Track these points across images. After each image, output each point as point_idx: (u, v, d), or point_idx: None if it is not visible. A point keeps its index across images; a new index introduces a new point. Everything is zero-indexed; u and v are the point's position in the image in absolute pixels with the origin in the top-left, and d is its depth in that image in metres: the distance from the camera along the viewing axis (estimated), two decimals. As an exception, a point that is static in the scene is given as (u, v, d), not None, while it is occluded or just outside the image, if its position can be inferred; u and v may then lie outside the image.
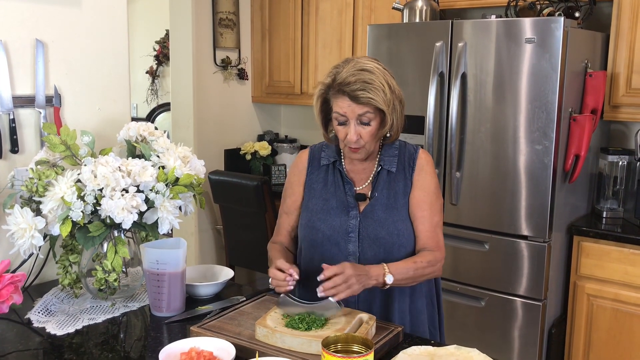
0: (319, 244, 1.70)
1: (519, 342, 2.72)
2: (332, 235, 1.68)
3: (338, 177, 1.73)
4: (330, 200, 1.71)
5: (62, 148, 1.67)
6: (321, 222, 1.70)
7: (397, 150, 1.72)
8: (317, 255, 1.71)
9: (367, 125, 1.60)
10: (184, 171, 1.69)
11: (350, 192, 1.70)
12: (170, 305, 1.63)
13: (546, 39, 2.50)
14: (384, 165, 1.70)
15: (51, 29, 1.89)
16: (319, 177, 1.75)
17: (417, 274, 1.61)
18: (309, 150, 1.82)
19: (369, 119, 1.59)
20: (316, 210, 1.71)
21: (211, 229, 4.08)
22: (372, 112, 1.58)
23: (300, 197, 1.77)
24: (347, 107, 1.58)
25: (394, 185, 1.69)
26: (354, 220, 1.67)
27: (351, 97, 1.56)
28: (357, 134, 1.59)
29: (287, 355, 1.33)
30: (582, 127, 2.64)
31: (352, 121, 1.59)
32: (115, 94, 2.08)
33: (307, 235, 1.73)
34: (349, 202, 1.69)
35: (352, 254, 1.67)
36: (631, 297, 2.61)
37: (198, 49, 3.82)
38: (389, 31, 2.95)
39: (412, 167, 1.70)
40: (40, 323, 1.59)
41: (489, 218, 2.75)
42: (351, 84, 1.55)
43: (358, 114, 1.58)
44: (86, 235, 1.60)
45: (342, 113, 1.59)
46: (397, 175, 1.70)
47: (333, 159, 1.75)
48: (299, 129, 4.40)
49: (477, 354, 1.37)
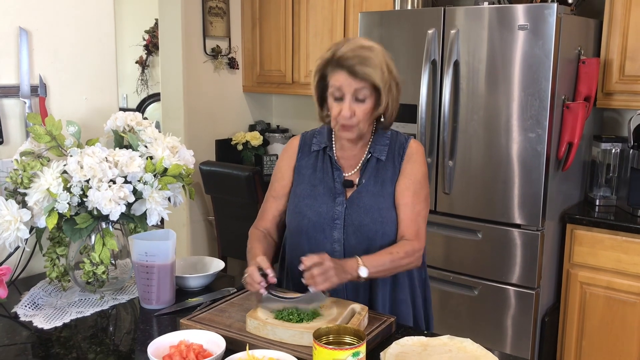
0: (305, 230, 1.68)
1: (512, 330, 2.72)
2: (317, 221, 1.67)
3: (327, 163, 1.72)
4: (318, 186, 1.70)
5: (48, 138, 1.63)
6: (307, 208, 1.68)
7: (388, 140, 1.71)
8: (303, 242, 1.69)
9: (362, 103, 1.59)
10: (172, 161, 1.66)
11: (339, 178, 1.69)
12: (159, 298, 1.61)
13: (539, 25, 2.48)
14: (374, 153, 1.69)
15: (35, 17, 1.85)
16: (308, 163, 1.74)
17: (393, 265, 1.59)
18: (301, 136, 1.80)
19: (364, 96, 1.58)
20: (303, 196, 1.70)
21: (203, 220, 4.05)
22: (368, 89, 1.57)
23: (289, 182, 1.76)
24: (344, 81, 1.57)
25: (382, 173, 1.68)
26: (340, 207, 1.66)
27: (349, 72, 1.56)
28: (351, 110, 1.58)
29: (278, 348, 1.31)
30: (575, 115, 2.63)
31: (347, 96, 1.58)
32: (103, 83, 2.04)
33: (293, 220, 1.71)
34: (337, 188, 1.68)
35: (337, 240, 1.66)
36: (624, 285, 2.61)
37: (187, 38, 3.77)
38: (380, 18, 2.92)
39: (401, 155, 1.69)
40: (28, 317, 1.56)
41: (481, 207, 2.73)
42: (350, 58, 1.55)
43: (355, 88, 1.57)
44: (73, 227, 1.57)
45: (338, 87, 1.58)
46: (386, 163, 1.69)
47: (324, 145, 1.73)
48: (291, 119, 4.37)
49: (470, 344, 1.36)
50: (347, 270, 1.51)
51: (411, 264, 1.64)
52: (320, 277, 1.43)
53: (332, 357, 1.14)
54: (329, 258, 1.47)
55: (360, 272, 1.52)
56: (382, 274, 1.60)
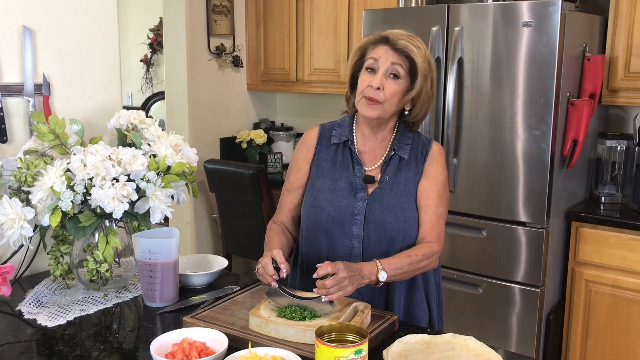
0: (323, 224, 1.65)
1: (517, 328, 2.71)
2: (337, 216, 1.63)
3: (348, 156, 1.69)
4: (338, 180, 1.66)
5: (51, 137, 1.64)
6: (327, 202, 1.65)
7: (410, 139, 1.69)
8: (320, 237, 1.66)
9: (394, 81, 1.58)
10: (175, 159, 1.66)
11: (360, 173, 1.66)
12: (163, 296, 1.61)
13: (544, 22, 2.47)
14: (397, 151, 1.66)
15: (38, 16, 1.86)
16: (327, 156, 1.70)
17: (411, 269, 1.57)
18: (319, 127, 1.76)
19: (398, 75, 1.58)
20: (323, 190, 1.67)
21: (207, 218, 4.06)
22: (404, 68, 1.58)
23: (305, 175, 1.72)
24: (383, 53, 1.58)
25: (405, 173, 1.66)
26: (361, 203, 1.63)
27: (391, 45, 1.58)
28: (380, 83, 1.57)
29: (280, 346, 1.31)
30: (580, 112, 2.62)
31: (381, 69, 1.57)
32: (106, 82, 2.04)
33: (311, 214, 1.67)
34: (357, 183, 1.65)
35: (357, 236, 1.63)
36: (629, 283, 2.60)
37: (192, 36, 3.78)
38: (384, 16, 2.91)
39: (424, 156, 1.67)
40: (32, 315, 1.57)
41: (486, 204, 2.73)
42: (397, 35, 1.59)
43: (391, 61, 1.57)
44: (77, 225, 1.58)
45: (375, 57, 1.59)
46: (409, 162, 1.66)
47: (345, 138, 1.70)
48: (295, 117, 4.37)
49: (474, 342, 1.36)
50: (364, 275, 1.47)
51: (428, 266, 1.62)
52: (334, 287, 1.40)
53: (334, 355, 1.14)
54: (343, 268, 1.42)
55: (380, 277, 1.49)
56: (400, 277, 1.57)
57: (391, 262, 1.53)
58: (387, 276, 1.50)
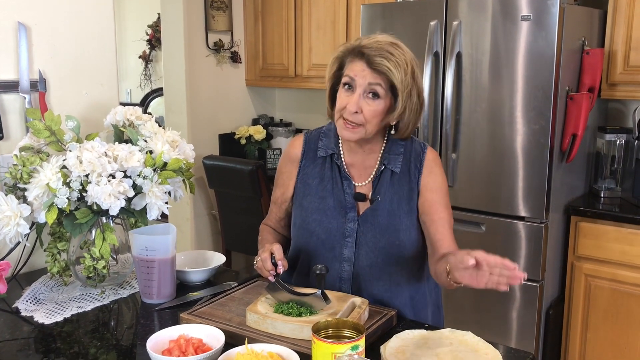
0: (313, 248, 1.59)
1: (517, 323, 2.71)
2: (327, 239, 1.57)
3: (336, 172, 1.58)
4: (327, 198, 1.57)
5: (47, 133, 1.63)
6: (316, 224, 1.58)
7: (402, 148, 1.57)
8: (310, 259, 1.61)
9: (373, 101, 1.44)
10: (172, 156, 1.65)
11: (349, 189, 1.57)
12: (160, 292, 1.61)
13: (542, 16, 2.46)
14: (387, 165, 1.55)
15: (34, 12, 1.84)
16: (314, 171, 1.61)
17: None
18: (304, 138, 1.65)
19: (378, 94, 1.44)
20: (311, 210, 1.59)
21: (207, 215, 4.05)
22: (383, 87, 1.44)
23: (290, 190, 1.65)
24: (359, 71, 1.43)
25: (398, 189, 1.55)
26: (352, 224, 1.55)
27: (367, 62, 1.42)
28: (357, 106, 1.44)
29: (277, 342, 1.30)
30: (579, 106, 2.61)
31: (358, 89, 1.44)
32: (103, 78, 2.04)
33: (301, 237, 1.62)
34: (347, 201, 1.56)
35: (347, 259, 1.57)
36: (629, 277, 2.59)
37: (190, 32, 3.76)
38: (382, 10, 2.90)
39: (418, 169, 1.56)
40: (29, 312, 1.56)
41: (485, 199, 2.72)
42: (372, 49, 1.42)
43: (369, 82, 1.43)
44: (73, 222, 1.57)
45: (352, 76, 1.44)
46: (401, 177, 1.56)
47: (331, 152, 1.59)
48: (294, 113, 4.36)
49: (472, 337, 1.35)
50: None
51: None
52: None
53: (331, 351, 1.14)
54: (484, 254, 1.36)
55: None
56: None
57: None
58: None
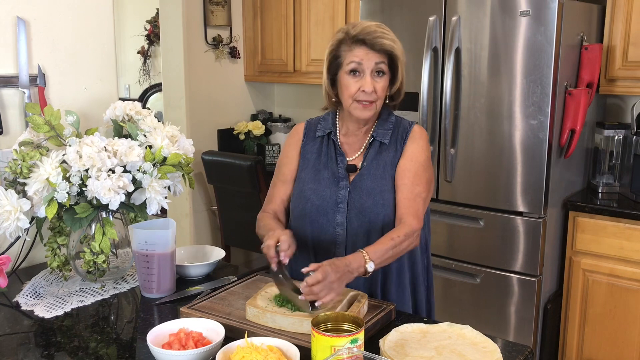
0: (308, 214, 1.69)
1: (515, 318, 2.72)
2: (321, 205, 1.67)
3: (332, 148, 1.73)
4: (322, 170, 1.71)
5: (46, 128, 1.63)
6: (311, 192, 1.69)
7: (392, 124, 1.72)
8: (306, 226, 1.70)
9: (380, 78, 1.61)
10: (171, 150, 1.66)
11: (342, 163, 1.70)
12: (160, 287, 1.62)
13: (541, 11, 2.46)
14: (377, 137, 1.69)
15: (33, 6, 1.85)
16: (313, 148, 1.75)
17: (396, 251, 1.55)
18: (306, 122, 1.81)
19: (383, 71, 1.60)
20: (307, 180, 1.71)
21: (206, 210, 4.05)
22: (386, 63, 1.60)
23: (296, 166, 1.76)
24: (364, 55, 1.58)
25: (384, 156, 1.68)
26: (344, 191, 1.67)
27: (369, 45, 1.58)
28: (372, 86, 1.59)
29: (277, 335, 1.31)
30: (578, 101, 2.61)
31: (367, 71, 1.59)
32: (102, 73, 2.04)
33: (298, 205, 1.72)
34: (340, 173, 1.69)
35: (340, 224, 1.67)
36: (627, 272, 2.60)
37: (188, 27, 3.76)
38: (381, 5, 2.90)
39: (404, 139, 1.69)
40: (29, 306, 1.57)
41: (484, 194, 2.73)
42: (368, 34, 1.58)
43: (375, 62, 1.59)
44: (73, 216, 1.58)
45: (358, 61, 1.59)
46: (389, 146, 1.69)
47: (328, 130, 1.74)
48: (293, 108, 4.36)
49: (470, 331, 1.36)
50: (353, 270, 1.44)
51: (411, 245, 1.60)
52: (323, 292, 1.36)
53: (330, 344, 1.14)
54: (331, 271, 1.38)
55: (368, 267, 1.47)
56: (387, 262, 1.56)
57: (376, 250, 1.50)
58: (374, 265, 1.48)
